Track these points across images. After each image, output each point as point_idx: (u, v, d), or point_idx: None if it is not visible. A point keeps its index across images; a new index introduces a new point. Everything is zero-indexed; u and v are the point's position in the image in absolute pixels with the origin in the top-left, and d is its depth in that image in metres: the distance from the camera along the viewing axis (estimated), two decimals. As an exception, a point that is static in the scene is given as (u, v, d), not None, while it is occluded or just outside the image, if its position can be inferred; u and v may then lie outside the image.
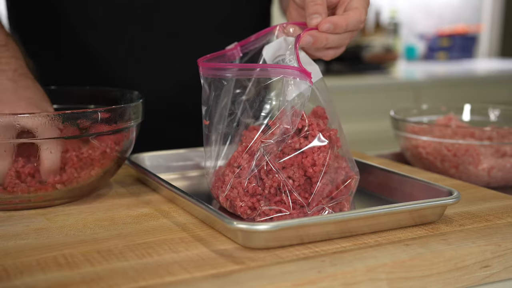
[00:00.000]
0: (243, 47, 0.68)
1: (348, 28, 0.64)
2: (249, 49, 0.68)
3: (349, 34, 0.66)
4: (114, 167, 0.67)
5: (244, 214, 0.58)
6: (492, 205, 0.64)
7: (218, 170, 0.64)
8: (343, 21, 0.63)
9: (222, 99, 0.65)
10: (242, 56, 0.68)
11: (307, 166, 0.58)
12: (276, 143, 0.58)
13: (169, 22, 0.92)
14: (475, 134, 0.82)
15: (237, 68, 0.62)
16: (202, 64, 0.63)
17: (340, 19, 0.63)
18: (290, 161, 0.58)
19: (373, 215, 0.54)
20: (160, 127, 0.96)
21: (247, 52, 0.68)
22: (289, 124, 0.58)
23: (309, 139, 0.59)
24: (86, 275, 0.45)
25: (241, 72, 0.61)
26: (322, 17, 0.63)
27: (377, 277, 0.48)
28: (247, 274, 0.46)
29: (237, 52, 0.68)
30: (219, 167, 0.65)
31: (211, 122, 0.65)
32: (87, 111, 0.60)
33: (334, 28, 0.63)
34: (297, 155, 0.58)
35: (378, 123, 2.36)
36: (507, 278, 0.54)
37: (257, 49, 0.68)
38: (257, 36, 0.68)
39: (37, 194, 0.62)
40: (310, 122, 0.59)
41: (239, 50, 0.68)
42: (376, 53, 2.79)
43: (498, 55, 3.44)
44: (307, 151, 0.58)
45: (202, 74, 0.63)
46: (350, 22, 0.63)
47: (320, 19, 0.63)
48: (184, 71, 0.94)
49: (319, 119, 0.61)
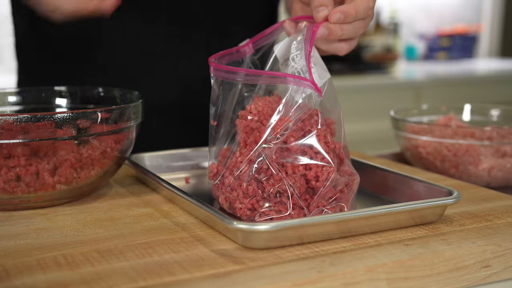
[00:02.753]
0: (255, 43, 0.67)
1: (358, 16, 0.63)
2: (261, 45, 0.67)
3: (362, 23, 0.65)
4: (114, 167, 0.67)
5: (243, 215, 0.58)
6: (492, 205, 0.64)
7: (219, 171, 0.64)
8: (352, 9, 0.62)
9: (230, 100, 0.65)
10: (255, 53, 0.67)
11: (309, 179, 0.57)
12: (279, 146, 0.58)
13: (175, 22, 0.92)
14: (475, 134, 0.82)
15: (247, 73, 0.60)
16: (213, 64, 0.62)
17: (349, 7, 0.62)
18: (291, 167, 0.58)
19: (373, 215, 0.54)
20: (162, 127, 0.96)
21: (259, 48, 0.67)
22: (292, 127, 0.58)
23: (313, 148, 0.58)
24: (86, 275, 0.45)
25: (250, 78, 0.60)
26: (328, 9, 0.62)
27: (377, 277, 0.48)
28: (247, 274, 0.46)
29: (248, 48, 0.67)
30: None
31: (218, 123, 0.65)
32: (87, 111, 0.60)
33: (345, 17, 0.62)
34: (299, 164, 0.58)
35: (378, 123, 2.36)
36: (507, 278, 0.54)
37: (269, 44, 0.68)
38: (268, 32, 0.67)
39: (37, 194, 0.62)
40: (316, 132, 0.58)
41: (251, 46, 0.67)
42: (376, 53, 2.79)
43: (498, 55, 3.44)
44: (311, 165, 0.57)
45: (212, 75, 0.63)
46: (359, 9, 0.62)
47: (326, 11, 0.62)
48: (187, 70, 0.94)
49: (327, 130, 0.61)
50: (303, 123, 0.59)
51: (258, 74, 0.60)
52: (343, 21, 0.62)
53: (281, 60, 0.65)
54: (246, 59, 0.67)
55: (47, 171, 0.61)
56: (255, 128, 0.60)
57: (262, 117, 0.60)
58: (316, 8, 0.63)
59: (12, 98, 0.77)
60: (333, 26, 0.62)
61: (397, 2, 3.14)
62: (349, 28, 0.63)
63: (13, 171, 0.60)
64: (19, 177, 0.61)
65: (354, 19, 0.63)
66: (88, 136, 0.61)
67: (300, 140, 0.58)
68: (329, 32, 0.62)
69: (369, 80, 2.53)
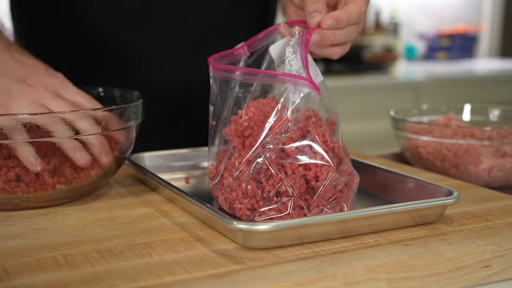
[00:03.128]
0: (250, 46, 0.68)
1: (350, 21, 0.63)
2: (256, 48, 0.68)
3: (355, 28, 0.66)
4: (114, 167, 0.67)
5: (243, 215, 0.58)
6: (492, 205, 0.64)
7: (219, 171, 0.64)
8: (344, 15, 0.63)
9: (228, 100, 0.65)
10: (249, 56, 0.68)
11: (309, 179, 0.57)
12: (278, 147, 0.58)
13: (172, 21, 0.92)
14: (475, 134, 0.82)
15: (246, 72, 0.61)
16: (212, 64, 0.63)
17: (341, 13, 0.63)
18: (291, 167, 0.58)
19: (373, 215, 0.54)
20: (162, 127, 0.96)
21: (254, 51, 0.68)
22: (292, 127, 0.58)
23: (312, 148, 0.58)
24: (86, 275, 0.45)
25: (249, 77, 0.61)
26: (322, 15, 0.63)
27: (377, 277, 0.48)
28: (247, 274, 0.46)
29: (243, 51, 0.67)
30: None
31: (217, 123, 0.65)
32: (87, 111, 0.60)
33: (337, 23, 0.62)
34: (299, 165, 0.58)
35: (378, 123, 2.36)
36: (507, 278, 0.54)
37: (264, 47, 0.68)
38: (262, 35, 0.68)
39: (37, 194, 0.62)
40: (315, 131, 0.58)
41: (246, 49, 0.68)
42: (376, 53, 2.79)
43: (498, 55, 3.44)
44: (310, 165, 0.57)
45: (212, 74, 0.63)
46: (351, 15, 0.63)
47: (320, 17, 0.63)
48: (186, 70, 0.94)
49: (326, 129, 0.61)
50: (302, 123, 0.59)
51: (256, 73, 0.61)
52: (335, 26, 0.63)
53: (277, 62, 0.65)
54: (241, 63, 0.68)
55: (47, 171, 0.61)
56: (247, 135, 0.60)
57: (253, 122, 0.60)
58: (310, 14, 0.64)
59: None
60: (325, 31, 0.63)
61: (397, 2, 3.14)
62: (341, 33, 0.64)
63: (13, 171, 0.60)
64: (19, 177, 0.61)
65: (346, 24, 0.64)
66: (88, 135, 0.61)
67: (299, 140, 0.58)
68: (322, 38, 0.63)
69: (369, 80, 2.53)
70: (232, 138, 0.62)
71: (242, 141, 0.61)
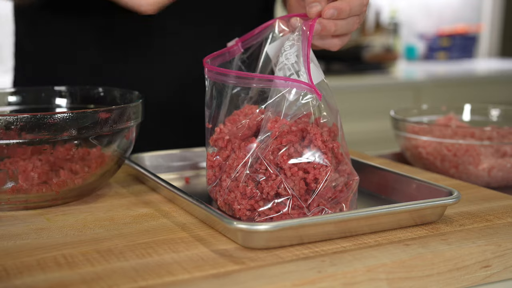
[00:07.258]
0: (244, 42, 0.67)
1: (352, 12, 0.63)
2: (251, 44, 0.67)
3: (356, 19, 0.65)
4: (114, 167, 0.67)
5: (243, 216, 0.58)
6: (492, 205, 0.64)
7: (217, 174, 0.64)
8: (346, 5, 0.62)
9: (224, 102, 0.65)
10: (244, 52, 0.67)
11: (308, 181, 0.57)
12: (277, 147, 0.58)
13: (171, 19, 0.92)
14: (475, 134, 0.82)
15: (242, 76, 0.60)
16: (207, 66, 0.62)
17: (343, 3, 0.62)
18: (290, 169, 0.57)
19: (373, 215, 0.54)
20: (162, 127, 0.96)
21: (249, 47, 0.67)
22: (291, 128, 0.58)
23: (311, 149, 0.58)
24: (86, 275, 0.45)
25: (245, 81, 0.60)
26: (321, 5, 0.62)
27: (377, 277, 0.48)
28: (247, 274, 0.46)
29: (237, 48, 0.67)
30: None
31: (213, 126, 0.64)
32: (87, 111, 0.60)
33: (339, 14, 0.62)
34: (298, 167, 0.57)
35: (378, 123, 2.36)
36: (507, 278, 0.54)
37: (258, 43, 0.67)
38: (257, 31, 0.67)
39: (37, 194, 0.62)
40: (314, 132, 0.58)
41: (240, 46, 0.67)
42: (376, 53, 2.79)
43: (498, 55, 3.44)
44: (309, 167, 0.57)
45: (207, 76, 0.63)
46: (353, 5, 0.63)
47: (320, 7, 0.62)
48: (186, 69, 0.94)
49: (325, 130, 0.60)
50: (301, 123, 0.59)
51: (252, 77, 0.60)
52: (337, 17, 0.62)
53: (274, 61, 0.65)
54: (235, 59, 0.67)
55: (47, 171, 0.61)
56: (228, 151, 0.61)
57: (232, 135, 0.60)
58: (310, 4, 0.63)
59: (12, 98, 0.77)
60: (326, 22, 0.62)
61: (397, 2, 3.14)
62: (343, 24, 0.63)
63: (12, 170, 0.60)
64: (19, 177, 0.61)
65: (348, 15, 0.63)
66: (88, 136, 0.61)
67: (298, 141, 0.58)
68: (323, 28, 0.62)
69: (369, 80, 2.53)
70: (222, 145, 0.62)
71: (239, 143, 0.61)
